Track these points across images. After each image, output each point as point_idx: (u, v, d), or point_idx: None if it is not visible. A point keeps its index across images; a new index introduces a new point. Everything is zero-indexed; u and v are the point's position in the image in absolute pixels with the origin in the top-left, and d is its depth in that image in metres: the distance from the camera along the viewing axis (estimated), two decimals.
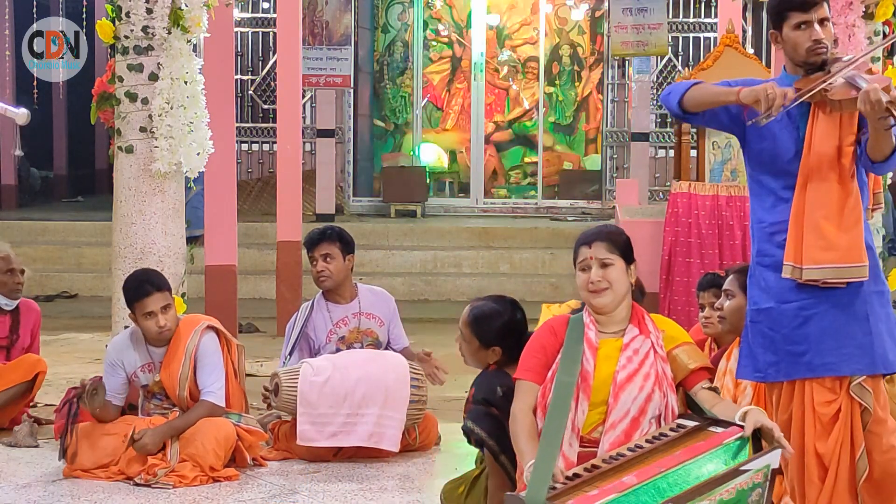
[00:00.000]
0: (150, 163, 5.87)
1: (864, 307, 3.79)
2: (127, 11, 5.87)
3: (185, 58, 5.87)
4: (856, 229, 3.76)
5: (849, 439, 3.78)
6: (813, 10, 3.77)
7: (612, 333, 4.05)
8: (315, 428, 5.61)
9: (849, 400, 3.78)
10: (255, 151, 14.82)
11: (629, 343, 4.00)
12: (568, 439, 3.93)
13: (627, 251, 4.09)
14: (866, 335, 3.78)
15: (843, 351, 3.78)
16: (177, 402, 5.55)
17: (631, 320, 4.06)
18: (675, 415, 3.99)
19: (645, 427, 3.92)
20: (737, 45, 9.19)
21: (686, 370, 4.02)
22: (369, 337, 6.04)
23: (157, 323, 5.42)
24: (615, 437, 3.90)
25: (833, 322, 3.79)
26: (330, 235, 6.04)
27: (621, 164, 14.76)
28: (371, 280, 9.09)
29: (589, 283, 4.02)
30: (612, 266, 4.03)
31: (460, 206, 15.19)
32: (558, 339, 4.06)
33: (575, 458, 3.90)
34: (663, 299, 8.85)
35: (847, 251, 3.75)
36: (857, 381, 3.77)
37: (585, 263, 4.05)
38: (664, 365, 4.00)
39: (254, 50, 14.86)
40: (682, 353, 4.04)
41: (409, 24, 15.75)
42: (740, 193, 8.80)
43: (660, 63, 14.43)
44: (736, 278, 4.63)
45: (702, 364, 4.05)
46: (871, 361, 3.78)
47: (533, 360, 4.09)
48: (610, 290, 4.02)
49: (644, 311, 4.12)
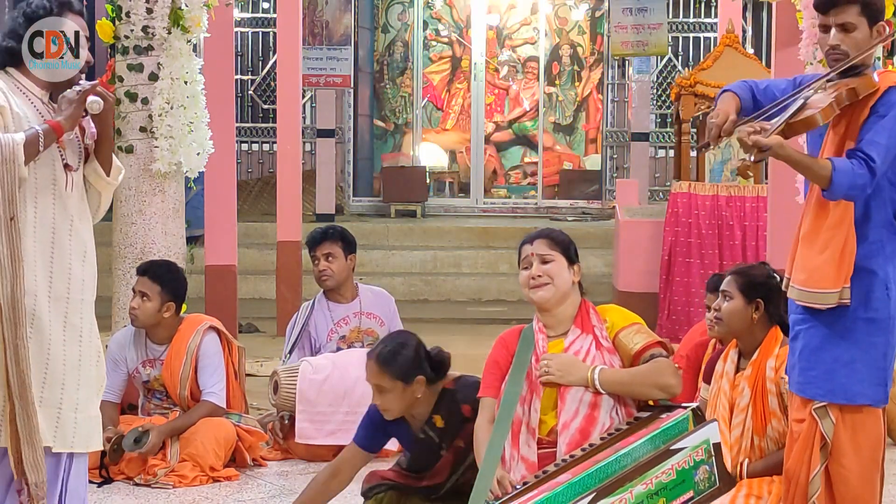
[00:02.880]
0: (150, 163, 5.87)
1: (846, 333, 3.65)
2: (127, 11, 5.88)
3: (185, 58, 5.88)
4: (829, 251, 3.60)
5: (808, 459, 3.70)
6: (830, 14, 3.63)
7: (559, 335, 4.09)
8: (314, 426, 5.62)
9: (812, 421, 3.70)
10: (255, 151, 14.80)
11: (570, 346, 4.04)
12: (526, 441, 3.97)
13: (569, 251, 4.14)
14: (834, 361, 3.66)
15: (811, 373, 3.70)
16: (177, 402, 5.56)
17: (574, 320, 4.09)
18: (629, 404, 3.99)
19: (604, 419, 3.93)
20: (737, 45, 9.21)
21: (629, 354, 4.02)
22: (370, 336, 6.05)
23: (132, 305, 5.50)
24: (570, 437, 3.92)
25: (811, 341, 3.71)
26: (332, 235, 6.06)
27: (621, 164, 14.75)
28: (371, 280, 9.08)
29: (530, 279, 4.08)
30: (553, 262, 4.09)
31: (460, 206, 15.17)
32: (510, 351, 4.13)
33: (535, 458, 3.93)
34: (663, 299, 8.86)
35: (811, 274, 3.63)
36: (818, 404, 3.69)
37: (527, 261, 4.12)
38: (610, 356, 4.01)
39: (254, 50, 14.85)
40: (623, 337, 4.05)
41: (409, 24, 15.74)
42: (740, 193, 8.82)
43: (660, 63, 14.42)
44: (734, 279, 4.58)
45: (646, 342, 4.01)
46: (830, 389, 3.66)
47: (489, 376, 4.16)
48: (551, 285, 4.06)
49: (590, 305, 4.14)
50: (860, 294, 3.64)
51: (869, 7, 3.64)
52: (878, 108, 3.59)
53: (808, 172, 3.60)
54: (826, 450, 3.69)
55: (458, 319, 10.76)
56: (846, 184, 3.53)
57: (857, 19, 3.62)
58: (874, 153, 3.54)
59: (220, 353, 5.61)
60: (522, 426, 3.98)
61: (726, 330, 4.64)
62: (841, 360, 3.66)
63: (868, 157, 3.54)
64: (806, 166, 3.58)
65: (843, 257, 3.61)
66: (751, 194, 8.76)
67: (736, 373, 4.57)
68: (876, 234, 3.66)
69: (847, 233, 3.62)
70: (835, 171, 3.52)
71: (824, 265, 3.62)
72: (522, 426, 3.98)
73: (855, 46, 3.62)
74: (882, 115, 3.57)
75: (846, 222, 3.62)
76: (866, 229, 3.65)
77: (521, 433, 3.97)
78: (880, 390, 3.71)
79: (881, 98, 3.60)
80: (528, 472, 3.91)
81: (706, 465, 3.57)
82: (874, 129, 3.57)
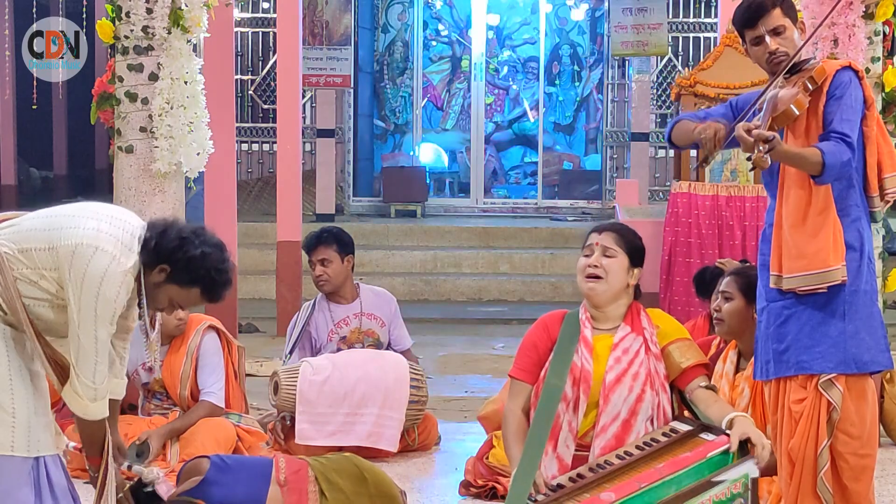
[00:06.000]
0: (150, 163, 5.87)
1: (843, 306, 3.78)
2: (127, 11, 5.87)
3: (185, 58, 5.87)
4: (822, 233, 3.74)
5: (815, 435, 3.76)
6: (760, 24, 3.84)
7: (608, 331, 4.01)
8: (314, 427, 5.61)
9: (817, 395, 3.76)
10: (255, 151, 14.80)
11: (619, 342, 3.95)
12: (565, 440, 3.89)
13: (634, 252, 4.05)
14: (840, 333, 3.77)
15: (816, 349, 3.77)
16: (177, 402, 5.55)
17: (625, 318, 4.01)
18: (668, 415, 3.93)
19: (639, 428, 3.87)
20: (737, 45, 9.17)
21: (679, 369, 3.96)
22: (370, 337, 6.05)
23: (177, 315, 5.45)
24: (606, 442, 3.85)
25: (809, 320, 3.79)
26: (326, 239, 6.03)
27: (621, 164, 14.75)
28: (371, 280, 9.08)
29: (587, 267, 4.01)
30: (614, 258, 4.00)
31: (460, 206, 15.18)
32: (550, 336, 4.02)
33: (570, 461, 3.87)
34: (663, 299, 8.86)
35: (814, 257, 3.74)
36: (825, 377, 3.75)
37: (590, 249, 4.04)
38: (657, 363, 3.94)
39: (254, 50, 14.85)
40: (675, 349, 3.98)
41: (409, 24, 15.75)
42: (740, 193, 8.80)
43: (660, 63, 14.42)
44: (734, 280, 4.59)
45: (696, 361, 3.97)
46: (842, 360, 3.76)
47: (525, 358, 4.05)
48: (604, 280, 3.98)
49: (640, 306, 4.07)
50: (852, 270, 3.78)
51: (788, 7, 3.89)
52: (834, 91, 3.78)
53: (803, 161, 3.71)
54: (832, 423, 3.75)
55: (458, 319, 10.76)
56: (837, 164, 3.68)
57: (784, 21, 3.86)
58: (847, 129, 3.74)
59: (219, 352, 5.61)
60: (564, 425, 3.89)
61: (727, 330, 4.64)
62: (846, 332, 3.77)
63: (843, 135, 3.72)
64: (802, 156, 3.70)
65: (836, 237, 3.76)
66: (751, 194, 8.75)
67: (735, 373, 4.58)
68: (855, 211, 3.83)
69: (833, 214, 3.77)
70: (824, 154, 3.67)
71: (824, 247, 3.74)
72: (564, 425, 3.89)
73: (792, 46, 3.84)
74: (840, 97, 3.78)
75: (830, 205, 3.76)
76: (847, 208, 3.81)
77: (562, 432, 3.88)
78: (886, 355, 3.84)
79: (832, 82, 3.80)
80: (559, 472, 3.84)
81: (741, 499, 3.59)
82: (838, 109, 3.76)
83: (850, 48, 6.05)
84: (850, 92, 3.78)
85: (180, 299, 3.58)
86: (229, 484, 4.29)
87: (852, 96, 3.78)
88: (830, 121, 3.76)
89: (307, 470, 4.40)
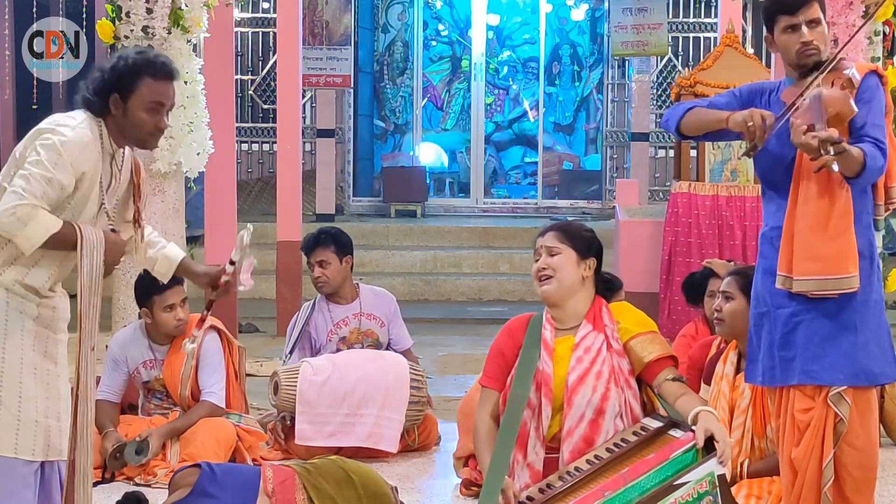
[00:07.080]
0: (150, 163, 5.86)
1: (854, 316, 3.71)
2: (127, 11, 5.88)
3: (185, 58, 5.88)
4: (844, 237, 3.68)
5: (819, 447, 3.72)
6: (800, 13, 3.75)
7: (569, 330, 3.99)
8: (314, 427, 5.61)
9: (825, 408, 3.72)
10: (255, 151, 14.80)
11: (580, 342, 3.93)
12: (533, 447, 3.87)
13: (581, 244, 4.03)
14: (852, 345, 3.71)
15: (826, 360, 3.72)
16: (178, 401, 5.55)
17: (586, 316, 3.99)
18: (636, 412, 3.90)
19: (608, 427, 3.84)
20: (737, 45, 9.19)
21: (641, 363, 3.92)
22: (370, 338, 6.04)
23: (176, 316, 5.45)
24: (574, 445, 3.83)
25: (819, 329, 3.73)
26: (324, 240, 6.01)
27: (621, 164, 14.75)
28: (371, 280, 9.08)
29: (537, 271, 4.03)
30: (559, 255, 4.00)
31: (460, 206, 15.18)
32: (516, 341, 4.04)
33: (541, 466, 3.86)
34: (663, 299, 8.85)
35: (833, 262, 3.68)
36: (835, 390, 3.71)
37: (537, 253, 4.07)
38: (620, 359, 3.91)
39: (254, 50, 14.85)
40: (637, 344, 3.94)
41: (409, 24, 15.75)
42: (740, 193, 8.80)
43: (660, 63, 14.42)
44: (735, 280, 4.58)
45: (660, 354, 3.93)
46: (853, 372, 3.71)
47: (493, 365, 4.06)
48: (554, 279, 3.98)
49: (603, 302, 4.05)
50: (864, 279, 3.72)
51: (823, 4, 3.84)
52: (863, 94, 3.72)
53: (854, 162, 3.62)
54: (838, 434, 3.72)
55: (458, 319, 10.76)
56: (875, 169, 3.65)
57: (820, 15, 3.80)
58: (879, 134, 3.68)
59: (220, 352, 5.61)
60: (531, 431, 3.88)
61: (728, 330, 4.63)
62: (857, 343, 3.72)
63: (877, 140, 3.67)
64: (853, 156, 3.61)
65: (852, 243, 3.70)
66: (751, 194, 8.75)
67: (736, 374, 4.57)
68: (866, 218, 3.79)
69: (851, 220, 3.71)
70: (867, 156, 3.61)
71: (841, 252, 3.68)
72: (531, 431, 3.88)
73: (823, 40, 3.78)
74: (868, 100, 3.72)
75: (850, 209, 3.71)
76: (859, 214, 3.75)
77: (530, 439, 3.87)
78: (894, 367, 3.80)
79: (860, 85, 3.74)
80: (531, 479, 3.83)
81: (710, 496, 3.56)
82: (868, 113, 3.70)
83: (850, 48, 6.06)
84: (878, 96, 3.75)
85: (149, 100, 3.57)
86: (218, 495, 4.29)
87: (880, 101, 3.75)
88: (862, 125, 3.69)
89: (294, 479, 4.41)
